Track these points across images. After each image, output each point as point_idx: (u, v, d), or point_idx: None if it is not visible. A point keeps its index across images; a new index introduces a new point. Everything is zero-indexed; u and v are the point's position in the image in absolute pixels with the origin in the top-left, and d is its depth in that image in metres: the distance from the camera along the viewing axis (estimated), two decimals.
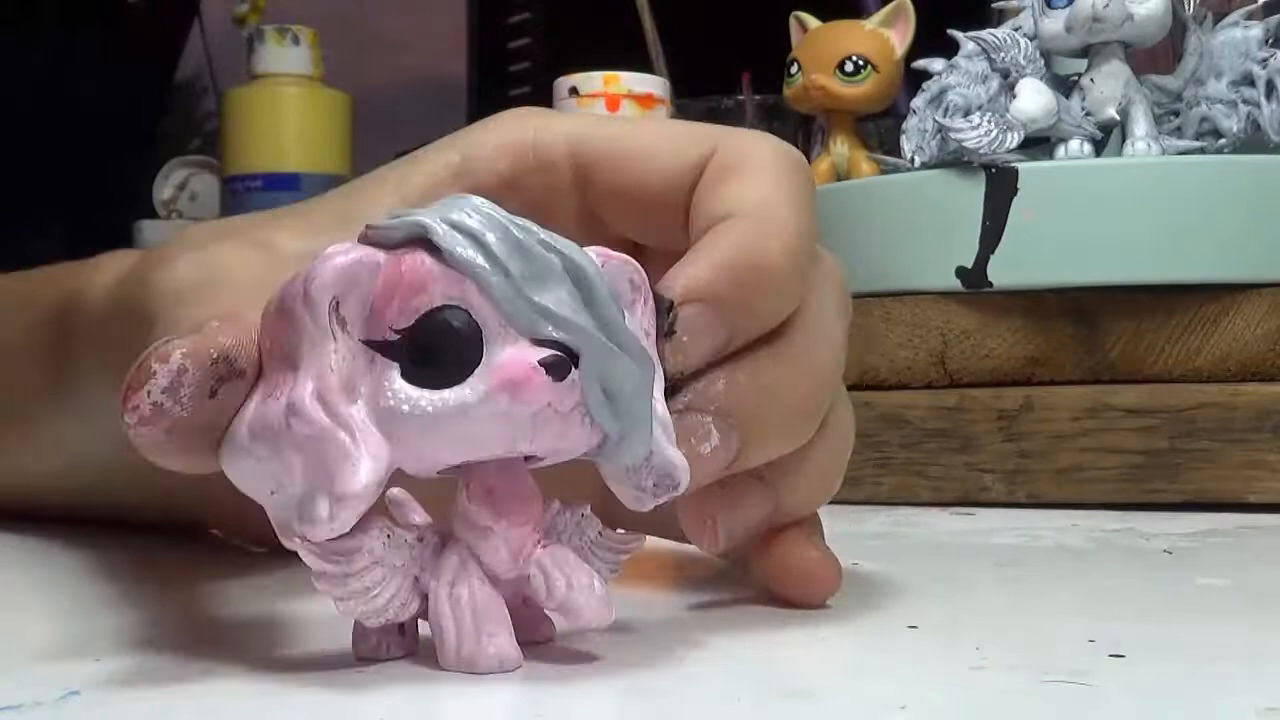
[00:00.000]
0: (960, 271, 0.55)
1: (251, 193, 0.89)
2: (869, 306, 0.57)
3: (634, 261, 0.26)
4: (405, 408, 0.23)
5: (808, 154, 0.84)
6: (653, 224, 0.31)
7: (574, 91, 0.68)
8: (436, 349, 0.23)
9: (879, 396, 0.55)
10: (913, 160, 0.58)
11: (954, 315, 0.55)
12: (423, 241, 0.24)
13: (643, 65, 0.77)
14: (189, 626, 0.30)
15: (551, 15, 1.51)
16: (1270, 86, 0.55)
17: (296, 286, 0.23)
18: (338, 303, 0.23)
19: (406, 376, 0.23)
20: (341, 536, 0.23)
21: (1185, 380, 0.53)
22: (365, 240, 0.24)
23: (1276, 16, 0.57)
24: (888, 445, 0.54)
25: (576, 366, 0.24)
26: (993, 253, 0.54)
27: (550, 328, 0.24)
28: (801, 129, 0.87)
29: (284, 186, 0.89)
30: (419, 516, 0.29)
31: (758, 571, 0.31)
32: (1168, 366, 0.54)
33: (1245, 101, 0.56)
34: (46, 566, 0.38)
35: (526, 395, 0.23)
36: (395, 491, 0.28)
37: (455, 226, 0.24)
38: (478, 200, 0.24)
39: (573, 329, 0.24)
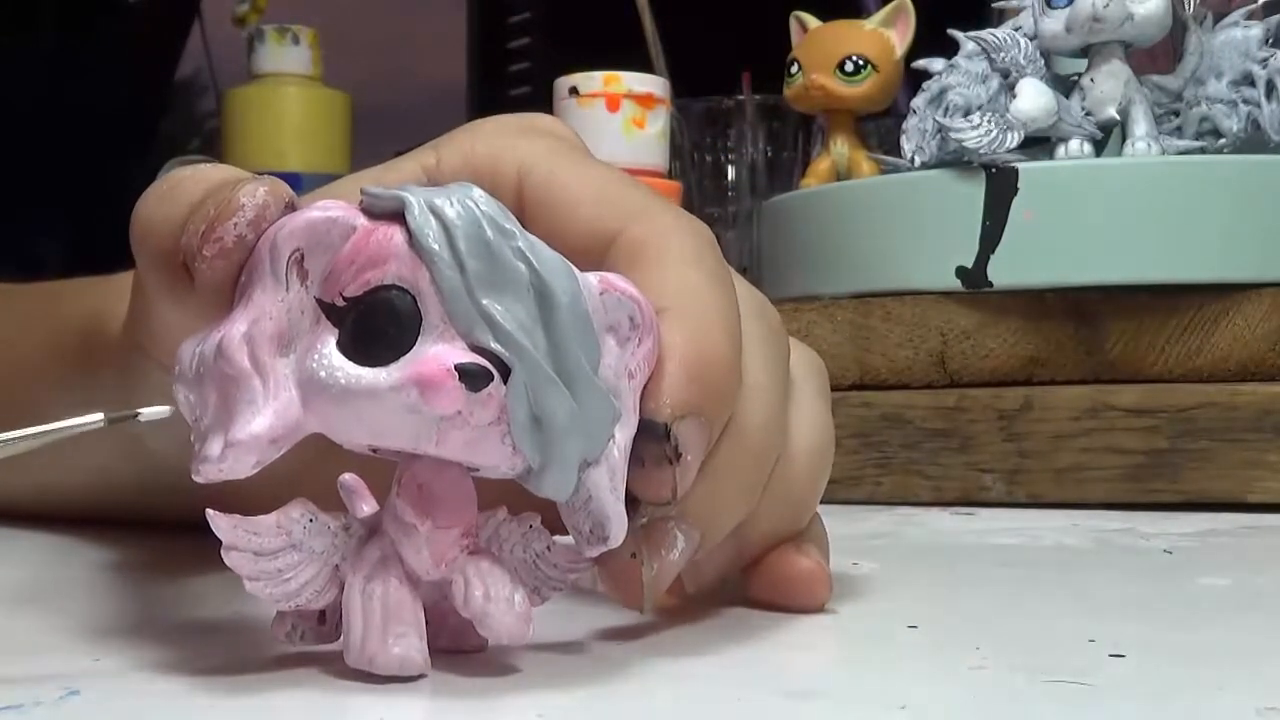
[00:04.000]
0: (960, 271, 0.55)
1: None
2: (869, 306, 0.57)
3: (642, 299, 0.25)
4: (323, 374, 0.23)
5: (807, 154, 0.84)
6: None
7: (574, 91, 0.68)
8: (373, 326, 0.23)
9: (879, 396, 0.55)
10: (913, 160, 0.58)
11: (954, 315, 0.55)
12: (402, 217, 0.23)
13: (643, 65, 0.77)
14: (190, 626, 0.30)
15: (551, 15, 1.51)
16: (1270, 86, 0.55)
17: (272, 230, 0.24)
18: (302, 255, 0.23)
19: (341, 345, 0.23)
20: (259, 515, 0.23)
21: (1185, 380, 0.53)
22: (360, 205, 0.24)
23: (1276, 16, 0.57)
24: (888, 445, 0.54)
25: (505, 381, 0.23)
26: (993, 253, 0.54)
27: (488, 336, 0.23)
28: (801, 129, 0.87)
29: None
30: (367, 506, 0.27)
31: (749, 580, 0.31)
32: (1168, 366, 0.54)
33: (1245, 101, 0.56)
34: (47, 565, 0.38)
35: (434, 396, 0.23)
36: (347, 477, 0.28)
37: (433, 210, 0.23)
38: (477, 193, 0.24)
39: (511, 343, 0.23)
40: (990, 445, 0.53)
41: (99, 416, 0.24)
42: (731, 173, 0.89)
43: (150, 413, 0.25)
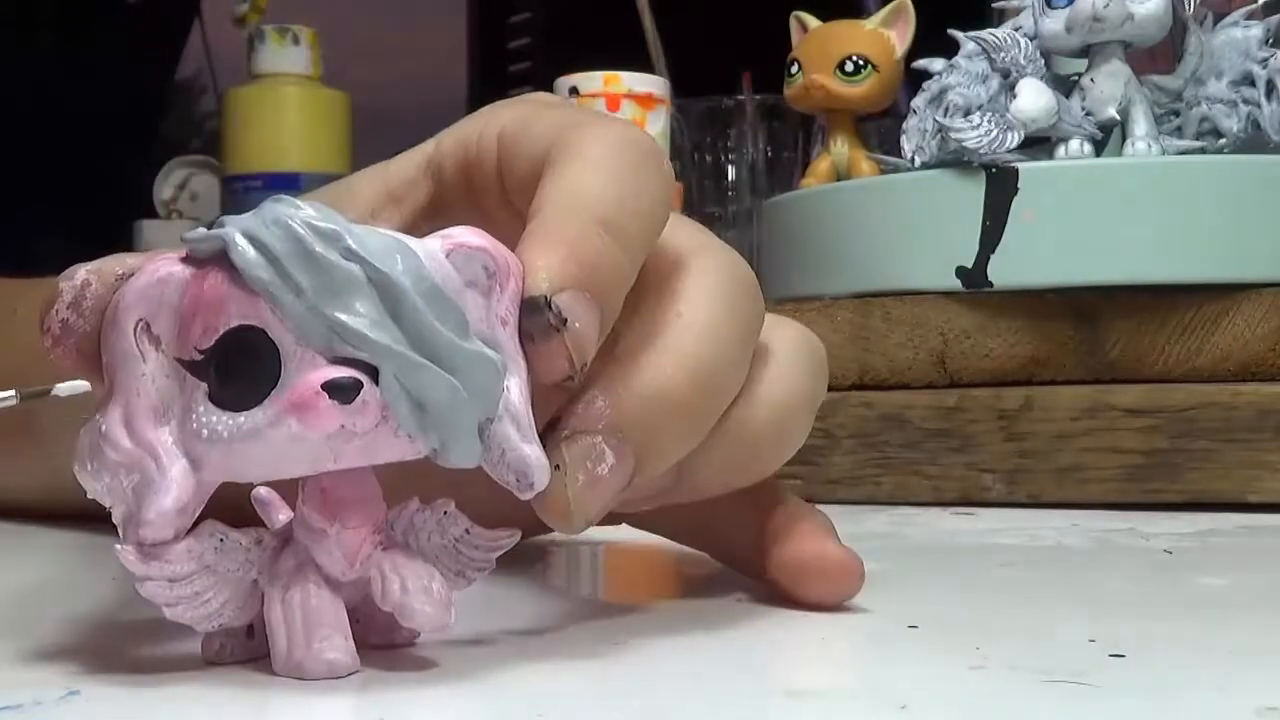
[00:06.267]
0: (960, 271, 0.55)
1: (252, 192, 0.89)
2: (869, 306, 0.57)
3: (489, 246, 0.25)
4: (205, 432, 0.23)
5: (807, 154, 0.84)
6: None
7: (574, 91, 0.68)
8: (235, 370, 0.23)
9: (879, 396, 0.55)
10: (913, 160, 0.58)
11: (954, 315, 0.55)
12: (225, 256, 0.23)
13: (643, 65, 0.77)
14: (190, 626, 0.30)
15: (551, 15, 1.51)
16: (1270, 86, 0.55)
17: (110, 306, 0.24)
18: (147, 323, 0.23)
19: (213, 396, 0.23)
20: (167, 543, 0.24)
21: (1185, 380, 0.53)
22: (184, 254, 0.24)
23: (1276, 16, 0.57)
24: (888, 445, 0.54)
25: (376, 382, 0.23)
26: (993, 253, 0.54)
27: (346, 345, 0.23)
28: (801, 129, 0.88)
29: (284, 186, 0.89)
30: (283, 516, 0.27)
31: (773, 570, 0.31)
32: (1168, 366, 0.54)
33: (1245, 101, 0.56)
34: (47, 566, 0.38)
35: (313, 420, 0.23)
36: (260, 491, 0.28)
37: (252, 240, 0.23)
38: (289, 205, 0.24)
39: (369, 344, 0.23)
40: (990, 445, 0.53)
41: (11, 393, 0.25)
42: (731, 173, 0.89)
43: (66, 387, 0.25)
